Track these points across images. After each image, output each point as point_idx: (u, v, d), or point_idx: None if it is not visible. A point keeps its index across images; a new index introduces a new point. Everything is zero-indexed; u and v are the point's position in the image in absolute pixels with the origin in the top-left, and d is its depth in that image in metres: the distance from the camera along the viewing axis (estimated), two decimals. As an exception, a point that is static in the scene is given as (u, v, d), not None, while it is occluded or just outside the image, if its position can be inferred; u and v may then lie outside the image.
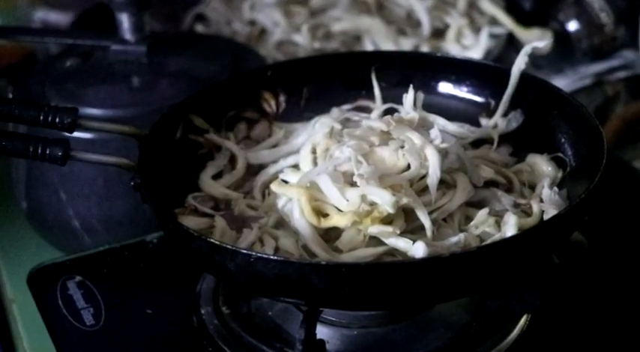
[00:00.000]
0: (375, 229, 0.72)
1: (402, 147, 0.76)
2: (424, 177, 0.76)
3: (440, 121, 0.82)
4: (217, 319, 0.81)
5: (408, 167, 0.76)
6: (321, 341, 0.74)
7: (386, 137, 0.78)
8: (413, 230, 0.75)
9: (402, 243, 0.72)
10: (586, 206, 0.71)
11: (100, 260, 0.90)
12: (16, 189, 1.03)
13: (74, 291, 0.86)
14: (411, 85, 0.82)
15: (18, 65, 1.21)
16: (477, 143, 0.86)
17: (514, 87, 0.86)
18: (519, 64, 0.85)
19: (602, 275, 0.87)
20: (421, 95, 0.82)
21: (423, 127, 0.79)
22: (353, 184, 0.74)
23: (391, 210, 0.71)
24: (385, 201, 0.71)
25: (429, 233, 0.73)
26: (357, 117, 0.87)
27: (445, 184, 0.78)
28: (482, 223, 0.76)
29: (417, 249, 0.71)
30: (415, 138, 0.76)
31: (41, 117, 0.78)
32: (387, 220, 0.73)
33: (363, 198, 0.73)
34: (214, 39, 1.18)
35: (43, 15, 1.40)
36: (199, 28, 1.29)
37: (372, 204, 0.73)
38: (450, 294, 0.73)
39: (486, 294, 0.78)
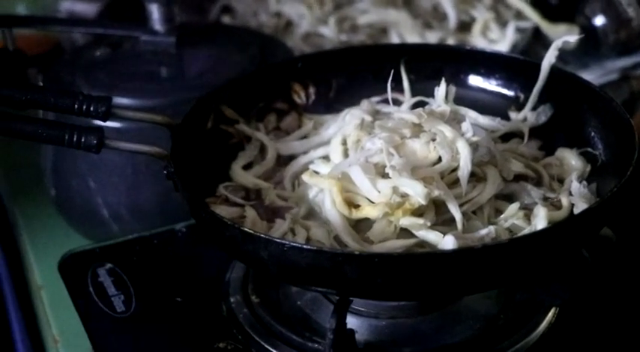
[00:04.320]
0: (406, 221, 0.72)
1: (434, 139, 0.77)
2: (455, 169, 0.76)
3: (471, 114, 0.83)
4: (247, 308, 0.82)
5: (439, 160, 0.76)
6: (351, 331, 0.74)
7: (417, 129, 0.78)
8: (443, 222, 0.75)
9: (433, 236, 0.72)
10: (617, 200, 0.72)
11: (130, 248, 0.91)
12: (45, 177, 1.04)
13: (105, 278, 0.87)
14: (443, 78, 0.82)
15: (46, 54, 1.22)
16: (506, 136, 0.86)
17: (544, 81, 0.86)
18: (550, 57, 0.86)
19: (629, 268, 0.87)
20: (453, 88, 0.83)
21: (455, 120, 0.79)
22: (384, 176, 0.75)
23: (423, 202, 0.72)
24: (417, 192, 0.72)
25: (459, 225, 0.74)
26: (386, 110, 0.88)
27: (475, 177, 0.78)
28: (511, 216, 0.76)
29: (447, 243, 0.71)
30: (447, 131, 0.77)
31: (76, 106, 0.79)
32: (418, 212, 0.74)
33: (395, 189, 0.74)
34: (242, 30, 1.18)
35: (69, 5, 1.40)
36: (226, 19, 1.29)
37: (404, 196, 0.73)
38: (480, 286, 0.73)
39: (515, 287, 0.79)
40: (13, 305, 1.13)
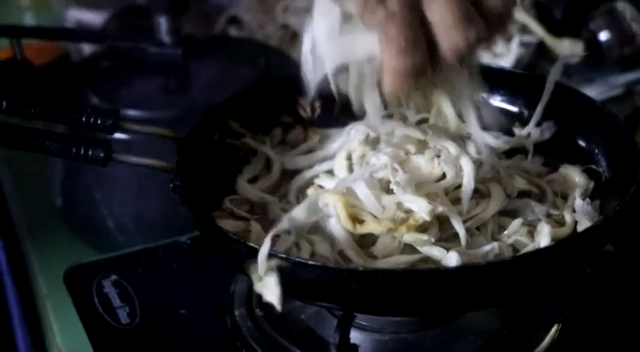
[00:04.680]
0: (410, 237, 0.73)
1: (438, 156, 0.77)
2: (459, 186, 0.77)
3: (476, 131, 0.83)
4: (251, 321, 0.82)
5: (444, 176, 0.77)
6: (354, 346, 0.75)
7: (422, 145, 0.79)
8: (447, 238, 0.76)
9: (436, 252, 0.73)
10: (621, 218, 0.72)
11: (135, 259, 0.92)
12: (52, 187, 1.05)
13: (110, 290, 0.87)
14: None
15: (54, 64, 1.23)
16: (510, 152, 0.86)
17: (548, 97, 0.87)
18: (554, 74, 0.86)
19: (632, 284, 0.87)
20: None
21: (459, 136, 0.79)
22: (389, 191, 0.75)
23: (427, 218, 0.72)
24: (422, 208, 0.72)
25: (463, 242, 0.74)
26: (391, 125, 0.87)
27: (479, 193, 0.78)
28: (514, 232, 0.76)
29: (451, 259, 0.72)
30: (451, 147, 0.77)
31: (83, 119, 0.79)
32: (422, 228, 0.74)
33: (399, 205, 0.74)
34: (248, 42, 1.19)
35: (77, 14, 1.41)
36: (232, 31, 1.30)
37: (408, 212, 0.74)
38: (484, 303, 0.73)
39: (518, 303, 0.79)
40: (18, 314, 1.13)
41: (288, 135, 0.91)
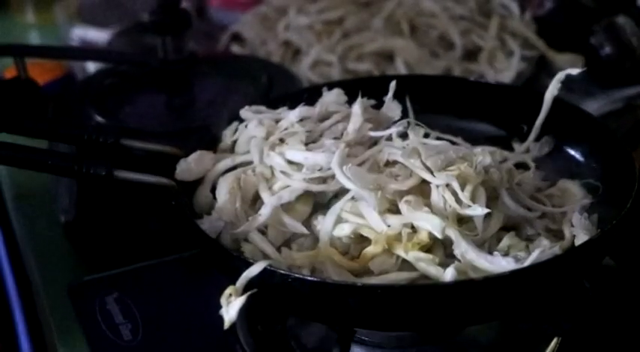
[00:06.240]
0: (414, 255, 0.72)
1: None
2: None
3: (483, 151, 0.83)
4: (252, 337, 0.83)
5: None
6: (355, 361, 0.75)
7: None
8: (446, 255, 0.76)
9: (434, 270, 0.72)
10: (618, 231, 0.72)
11: (138, 276, 0.92)
12: (55, 203, 1.06)
13: (112, 307, 0.88)
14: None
15: (58, 82, 1.24)
16: (509, 167, 0.87)
17: (547, 112, 0.87)
18: (552, 90, 0.86)
19: (630, 297, 0.88)
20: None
21: (468, 162, 0.79)
22: (391, 210, 0.75)
23: (439, 236, 0.72)
24: (435, 226, 0.72)
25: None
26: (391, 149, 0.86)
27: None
28: (513, 247, 0.77)
29: (448, 275, 0.71)
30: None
31: (85, 137, 0.80)
32: (425, 248, 0.73)
33: (406, 224, 0.74)
34: (250, 59, 1.20)
35: (82, 32, 1.43)
36: (235, 48, 1.31)
37: (414, 231, 0.74)
38: (482, 317, 0.74)
39: (517, 317, 0.79)
40: (24, 331, 1.14)
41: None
